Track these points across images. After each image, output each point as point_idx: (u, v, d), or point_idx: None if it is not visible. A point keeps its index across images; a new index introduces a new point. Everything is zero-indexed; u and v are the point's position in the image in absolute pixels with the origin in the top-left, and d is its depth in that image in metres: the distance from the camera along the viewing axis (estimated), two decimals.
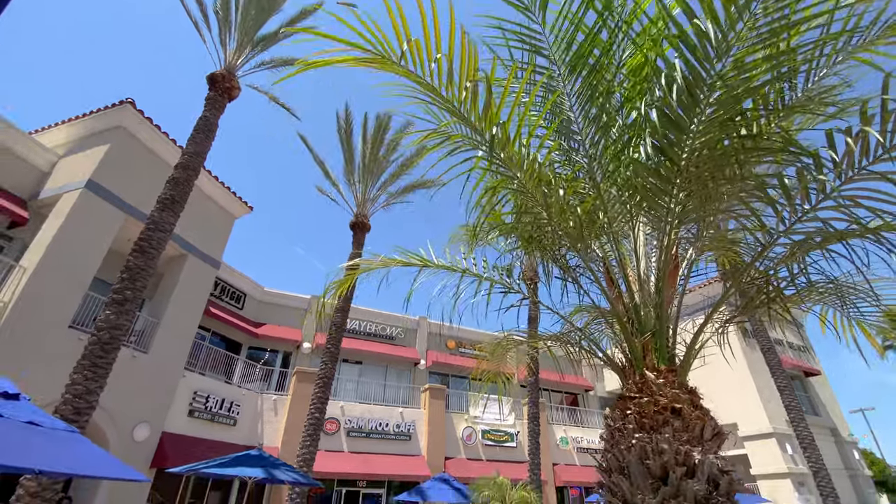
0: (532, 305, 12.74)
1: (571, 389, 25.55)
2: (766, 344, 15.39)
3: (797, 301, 2.23)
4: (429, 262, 3.12)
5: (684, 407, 1.82)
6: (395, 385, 19.84)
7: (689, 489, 1.57)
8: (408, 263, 3.19)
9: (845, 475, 21.18)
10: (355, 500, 15.27)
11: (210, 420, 12.94)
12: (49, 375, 8.38)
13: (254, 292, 18.33)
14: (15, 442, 3.19)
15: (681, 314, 2.22)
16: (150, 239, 8.16)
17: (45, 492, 5.98)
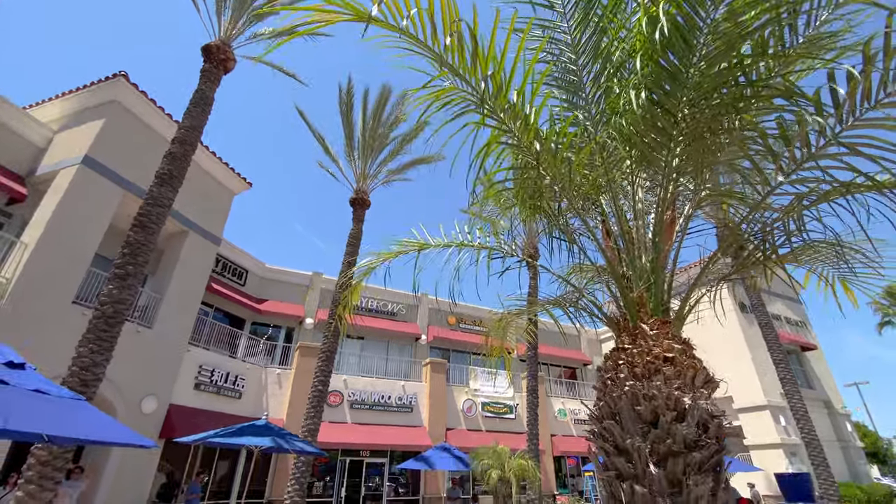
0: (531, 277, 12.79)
1: (570, 363, 25.97)
2: (763, 319, 15.52)
3: (792, 260, 2.23)
4: (426, 243, 3.13)
5: (676, 356, 1.84)
6: (396, 359, 20.19)
7: (678, 432, 1.61)
8: (406, 251, 3.21)
9: (837, 446, 21.72)
10: (359, 469, 15.76)
11: (216, 393, 13.24)
12: (54, 349, 8.53)
13: (255, 269, 18.43)
14: (23, 408, 3.26)
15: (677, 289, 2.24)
16: (149, 214, 8.15)
17: (56, 460, 6.12)
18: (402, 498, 16.48)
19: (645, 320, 1.97)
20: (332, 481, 15.24)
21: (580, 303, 2.60)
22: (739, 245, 2.24)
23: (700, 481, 1.57)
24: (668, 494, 1.59)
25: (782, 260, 2.21)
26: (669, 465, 1.64)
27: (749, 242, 2.24)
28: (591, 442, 1.95)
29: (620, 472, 1.71)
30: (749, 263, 2.27)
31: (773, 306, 23.90)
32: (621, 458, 1.73)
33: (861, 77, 1.86)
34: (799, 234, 2.15)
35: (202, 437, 8.29)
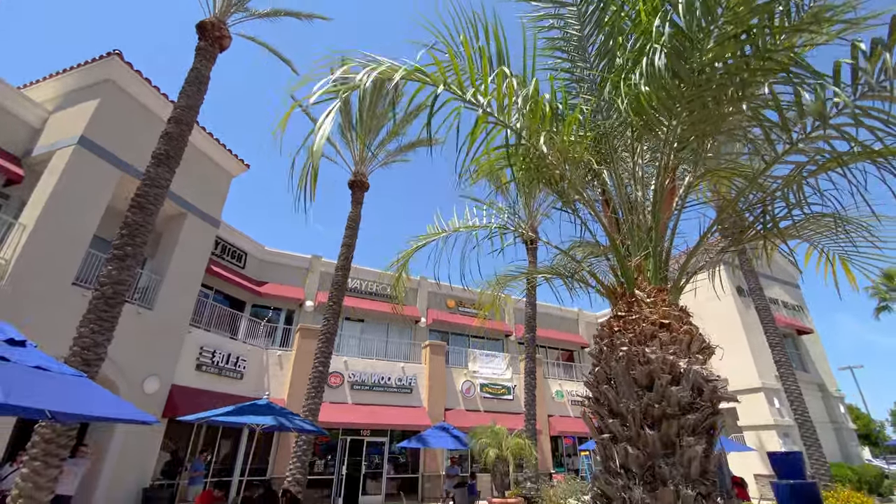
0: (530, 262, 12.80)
1: (567, 346, 26.24)
2: (761, 303, 15.61)
3: (794, 235, 2.22)
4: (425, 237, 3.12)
5: (673, 322, 1.85)
6: (396, 341, 20.38)
7: (672, 395, 1.63)
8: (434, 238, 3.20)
9: (830, 428, 22.11)
10: (359, 448, 16.05)
11: (217, 374, 13.39)
12: (55, 330, 8.58)
13: (254, 251, 18.44)
14: (24, 384, 3.28)
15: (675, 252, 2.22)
16: (146, 195, 8.11)
17: (61, 438, 6.20)
18: (401, 476, 16.83)
19: (642, 288, 1.97)
20: (333, 460, 15.54)
21: (578, 274, 2.60)
22: (739, 215, 2.21)
23: (693, 443, 1.59)
24: (661, 455, 1.61)
25: (783, 234, 2.19)
26: (663, 428, 1.66)
27: (749, 213, 2.22)
28: (587, 407, 1.96)
29: (615, 434, 1.73)
30: (749, 236, 2.26)
31: (771, 290, 24.03)
32: (616, 421, 1.75)
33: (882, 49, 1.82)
34: (799, 206, 2.13)
35: (205, 415, 8.40)
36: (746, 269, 16.44)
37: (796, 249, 2.53)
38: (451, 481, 13.07)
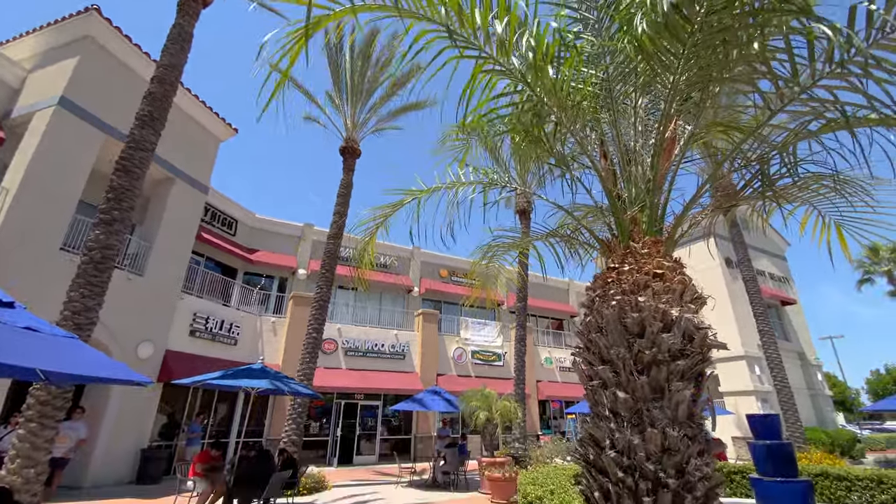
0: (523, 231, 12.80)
1: (557, 315, 26.75)
2: (748, 274, 15.91)
3: (791, 197, 2.21)
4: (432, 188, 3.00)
5: (666, 272, 1.86)
6: (389, 310, 20.59)
7: (663, 342, 1.66)
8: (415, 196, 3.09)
9: (807, 394, 23.08)
10: (354, 411, 16.48)
11: (211, 339, 13.48)
12: (44, 295, 8.50)
13: (245, 219, 18.23)
14: (16, 345, 3.26)
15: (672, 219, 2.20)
16: (131, 158, 7.88)
17: (56, 400, 6.22)
18: (394, 437, 17.40)
19: (637, 240, 1.97)
20: (328, 422, 15.97)
21: (576, 234, 2.59)
22: (738, 170, 2.19)
23: (682, 387, 1.64)
24: (650, 400, 1.66)
25: (779, 194, 2.18)
26: (653, 373, 1.70)
27: (748, 170, 2.20)
28: (576, 355, 2.00)
29: (605, 381, 1.78)
30: (744, 197, 2.25)
31: (759, 262, 24.46)
32: (606, 368, 1.78)
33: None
34: (796, 167, 2.11)
35: (200, 379, 8.48)
36: (736, 241, 16.66)
37: (793, 213, 2.51)
38: (443, 442, 13.54)
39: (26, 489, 5.56)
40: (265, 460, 7.76)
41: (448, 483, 11.31)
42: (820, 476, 7.36)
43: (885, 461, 13.17)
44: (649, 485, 1.58)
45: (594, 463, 1.77)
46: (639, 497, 1.57)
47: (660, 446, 1.60)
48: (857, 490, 6.91)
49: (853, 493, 6.93)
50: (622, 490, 1.61)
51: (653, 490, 1.58)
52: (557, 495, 4.70)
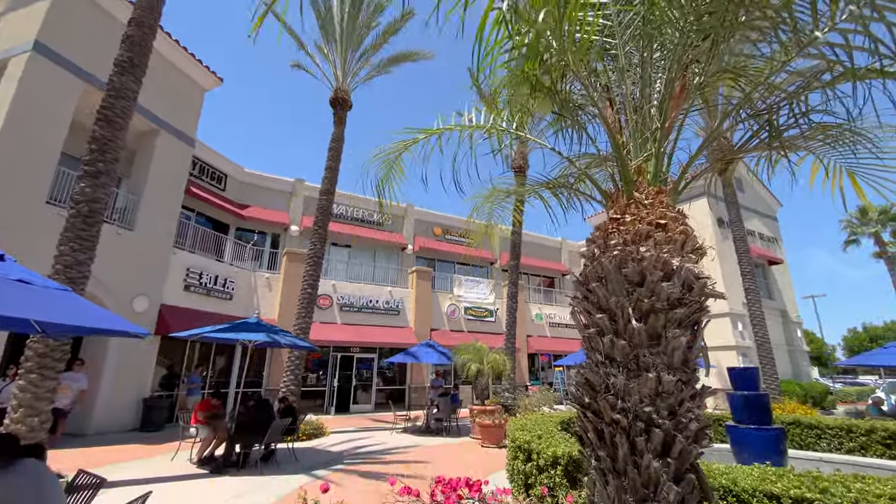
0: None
1: (549, 273, 27.14)
2: (739, 233, 16.07)
3: (799, 146, 2.16)
4: (429, 130, 2.81)
5: (669, 222, 1.86)
6: (384, 266, 20.71)
7: (663, 290, 1.69)
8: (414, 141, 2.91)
9: (785, 349, 24.09)
10: (350, 363, 16.97)
11: (206, 294, 13.55)
12: (31, 249, 8.39)
13: (235, 174, 17.82)
14: (9, 296, 3.23)
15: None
16: (112, 107, 7.55)
17: (54, 352, 6.29)
18: (389, 387, 18.07)
19: (641, 191, 1.95)
20: (325, 374, 16.47)
21: (577, 184, 2.55)
22: (746, 120, 2.13)
23: (679, 334, 1.68)
24: (646, 346, 1.71)
25: (786, 145, 2.13)
26: (651, 321, 1.74)
27: (755, 120, 2.15)
28: (574, 304, 2.03)
29: (602, 328, 1.82)
30: (749, 149, 2.21)
31: (750, 222, 24.70)
32: (604, 316, 1.82)
33: None
34: (807, 115, 2.05)
35: (197, 332, 8.59)
36: (730, 201, 16.70)
37: (801, 162, 2.45)
38: (436, 391, 14.08)
39: (31, 436, 5.73)
40: (264, 408, 8.05)
41: (441, 429, 11.88)
42: (792, 424, 7.83)
43: (854, 412, 14.01)
44: (642, 425, 1.66)
45: (589, 406, 1.85)
46: (632, 436, 1.64)
47: (654, 390, 1.67)
48: (826, 438, 7.38)
49: (822, 441, 7.42)
50: (616, 430, 1.68)
51: (645, 430, 1.66)
52: (544, 440, 4.94)
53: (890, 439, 6.59)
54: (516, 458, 5.38)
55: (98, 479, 3.73)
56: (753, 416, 5.75)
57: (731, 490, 3.12)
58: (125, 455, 8.10)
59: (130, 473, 6.78)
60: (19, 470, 2.78)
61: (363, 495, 5.05)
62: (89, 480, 3.72)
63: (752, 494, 3.04)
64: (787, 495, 2.92)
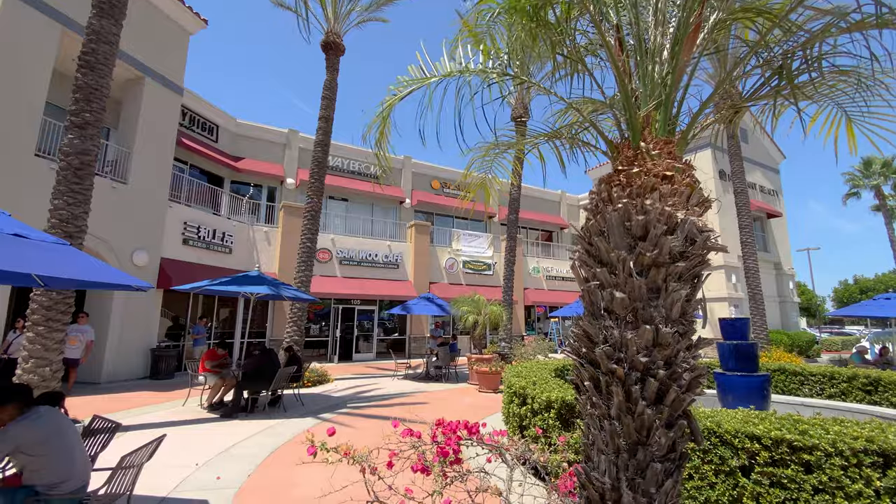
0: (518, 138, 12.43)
1: (547, 227, 27.14)
2: (740, 186, 15.91)
3: (806, 96, 2.08)
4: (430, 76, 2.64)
5: (676, 174, 1.83)
6: (381, 220, 20.65)
7: (665, 244, 1.70)
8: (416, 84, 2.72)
9: (776, 301, 24.64)
10: (351, 314, 17.37)
11: (205, 248, 13.58)
12: (22, 204, 8.31)
13: (227, 124, 17.27)
14: (6, 251, 3.22)
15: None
16: (94, 52, 7.20)
17: (59, 305, 6.39)
18: (390, 337, 18.63)
19: (648, 141, 1.90)
20: (327, 325, 16.90)
21: (580, 133, 2.47)
22: (758, 67, 2.03)
23: (678, 288, 1.70)
24: (646, 299, 1.74)
25: (797, 93, 2.04)
26: (651, 275, 1.75)
27: (769, 66, 2.04)
28: (574, 258, 2.03)
29: (602, 282, 1.83)
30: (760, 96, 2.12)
31: (752, 175, 24.43)
32: (604, 270, 1.83)
33: None
34: (819, 61, 1.94)
35: (198, 285, 8.68)
36: (733, 153, 16.39)
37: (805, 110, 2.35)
38: (435, 341, 14.54)
39: (44, 385, 5.95)
40: (269, 357, 8.32)
41: (440, 376, 12.37)
42: (777, 371, 8.16)
43: (838, 360, 14.58)
44: (638, 375, 1.71)
45: (586, 356, 1.90)
46: (627, 385, 1.70)
47: (651, 341, 1.71)
48: (808, 384, 7.72)
49: (805, 387, 7.77)
50: (612, 379, 1.74)
51: (641, 379, 1.71)
52: (539, 386, 5.16)
53: (870, 386, 6.90)
54: (511, 402, 5.64)
55: (113, 424, 3.92)
56: (741, 364, 5.96)
57: (714, 431, 3.30)
58: (138, 401, 8.46)
59: (144, 418, 7.12)
60: (36, 416, 2.92)
61: (367, 437, 5.33)
62: (105, 425, 3.91)
63: (734, 435, 3.22)
64: (768, 436, 3.09)
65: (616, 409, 1.69)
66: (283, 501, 4.04)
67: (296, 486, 4.38)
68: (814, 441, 2.95)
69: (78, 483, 2.94)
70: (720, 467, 3.22)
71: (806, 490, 2.90)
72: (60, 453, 2.89)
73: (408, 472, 2.39)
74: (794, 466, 2.97)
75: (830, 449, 2.89)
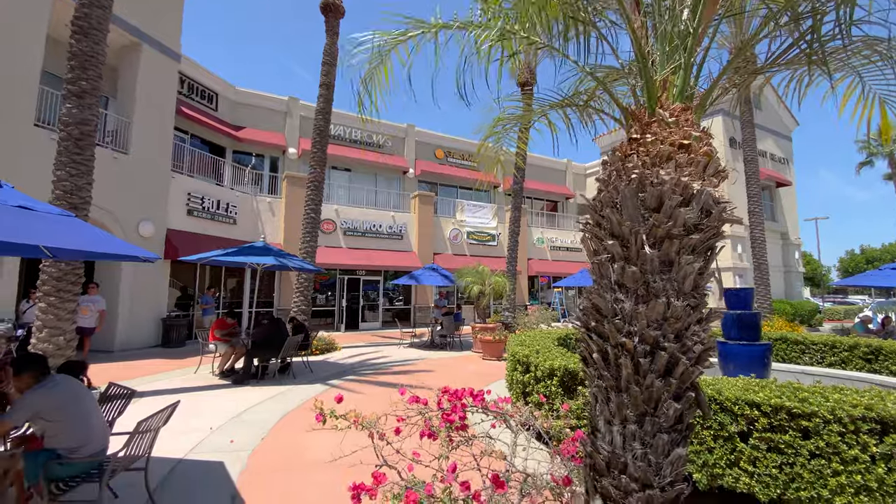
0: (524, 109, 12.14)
1: (552, 197, 26.86)
2: (750, 154, 15.56)
3: (833, 68, 1.97)
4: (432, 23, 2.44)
5: (693, 143, 1.77)
6: (385, 191, 20.51)
7: (680, 216, 1.66)
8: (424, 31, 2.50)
9: (781, 270, 24.58)
10: (356, 285, 17.54)
11: (210, 219, 13.60)
12: (24, 175, 8.26)
13: (226, 92, 16.91)
14: (13, 223, 3.22)
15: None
16: (87, 17, 7.01)
17: (69, 276, 6.48)
18: (395, 307, 18.88)
19: (665, 107, 1.83)
20: (333, 295, 17.12)
21: (593, 100, 2.38)
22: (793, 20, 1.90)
23: (691, 261, 1.68)
24: (658, 272, 1.72)
25: (826, 59, 1.93)
26: (664, 247, 1.73)
27: (795, 27, 1.93)
28: (585, 230, 2.00)
29: (613, 255, 1.81)
30: (787, 61, 2.01)
31: (763, 142, 23.85)
32: (616, 243, 1.80)
33: None
34: (849, 26, 1.82)
35: (206, 255, 8.75)
36: (745, 120, 15.93)
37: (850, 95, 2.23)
38: (439, 310, 14.73)
39: (59, 354, 6.12)
40: (278, 326, 8.47)
41: (445, 344, 12.60)
42: (779, 340, 8.23)
43: (840, 329, 14.66)
44: (647, 348, 1.72)
45: (595, 329, 1.90)
46: (636, 358, 1.71)
47: (662, 315, 1.70)
48: (810, 353, 7.79)
49: (806, 355, 7.84)
50: (621, 352, 1.75)
51: (650, 352, 1.72)
52: (542, 354, 5.24)
53: (871, 354, 6.95)
54: (515, 370, 5.75)
55: (129, 391, 4.04)
56: (743, 334, 6.00)
57: (715, 399, 3.35)
58: (151, 369, 8.70)
59: (158, 385, 7.34)
60: (52, 384, 3.01)
61: (375, 402, 5.49)
62: (120, 391, 4.03)
63: (734, 403, 3.27)
64: (768, 403, 3.14)
65: (625, 381, 1.70)
66: (296, 464, 4.20)
67: (307, 449, 4.54)
68: (813, 408, 2.99)
69: (97, 447, 3.06)
70: (719, 433, 3.29)
71: (803, 455, 2.97)
72: (77, 419, 3.00)
73: (415, 438, 2.46)
74: (791, 432, 3.04)
75: (829, 416, 2.94)
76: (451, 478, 2.17)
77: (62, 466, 2.87)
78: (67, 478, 2.91)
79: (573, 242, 24.04)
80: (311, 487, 3.69)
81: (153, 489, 3.32)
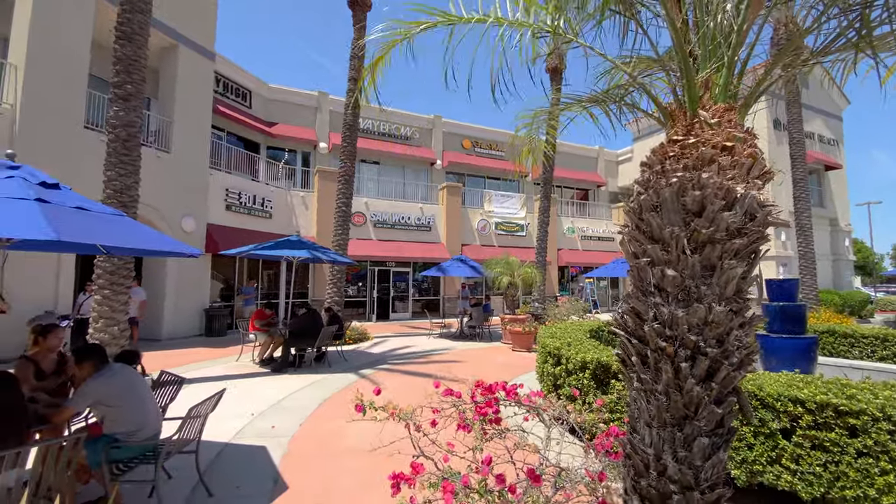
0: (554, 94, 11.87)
1: (583, 185, 26.26)
2: (797, 136, 14.68)
3: (886, 46, 1.86)
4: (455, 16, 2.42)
5: (737, 145, 1.72)
6: (413, 183, 20.63)
7: (723, 220, 1.63)
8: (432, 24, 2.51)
9: (829, 259, 23.22)
10: (387, 276, 17.85)
11: (247, 213, 14.12)
12: (75, 176, 8.77)
13: (259, 89, 17.37)
14: (74, 224, 3.46)
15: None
16: (129, 22, 7.35)
17: (121, 270, 6.94)
18: (425, 298, 19.10)
19: (706, 108, 1.77)
20: (364, 286, 17.50)
21: (628, 96, 2.33)
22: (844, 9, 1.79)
23: (734, 265, 1.64)
24: (699, 277, 1.69)
25: (876, 44, 1.82)
26: (706, 252, 1.70)
27: (845, 16, 1.81)
28: (624, 234, 1.98)
29: (653, 259, 1.79)
30: (835, 48, 1.90)
31: (811, 124, 22.46)
32: (656, 247, 1.78)
33: None
34: None
35: (245, 249, 9.16)
36: (791, 100, 15.01)
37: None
38: (467, 301, 14.80)
39: (114, 343, 6.57)
40: (314, 317, 8.77)
41: (473, 335, 12.68)
42: (826, 333, 7.82)
43: (894, 321, 13.75)
44: (688, 352, 1.70)
45: (634, 332, 1.89)
46: (676, 363, 1.70)
47: (703, 320, 1.68)
48: (859, 346, 7.38)
49: (855, 349, 7.43)
50: (661, 356, 1.74)
51: (691, 357, 1.70)
52: (574, 347, 5.20)
53: None
54: (546, 362, 5.74)
55: (179, 378, 4.31)
56: (787, 326, 5.75)
57: (756, 395, 3.26)
58: (196, 357, 9.19)
59: (203, 372, 7.76)
60: (111, 372, 3.26)
61: (408, 391, 5.62)
62: (171, 378, 4.31)
63: (776, 399, 3.17)
64: (813, 400, 3.03)
65: (664, 385, 1.70)
66: (334, 450, 4.39)
67: (344, 436, 4.72)
68: (861, 406, 2.87)
69: (151, 431, 3.30)
70: (759, 429, 3.21)
71: (849, 453, 2.87)
72: (134, 405, 3.24)
73: (449, 430, 2.53)
74: (838, 430, 2.93)
75: (878, 414, 2.82)
76: (486, 470, 2.22)
77: (120, 449, 3.10)
78: (126, 459, 3.15)
79: (605, 232, 23.46)
80: (348, 474, 3.85)
81: (203, 471, 3.55)
